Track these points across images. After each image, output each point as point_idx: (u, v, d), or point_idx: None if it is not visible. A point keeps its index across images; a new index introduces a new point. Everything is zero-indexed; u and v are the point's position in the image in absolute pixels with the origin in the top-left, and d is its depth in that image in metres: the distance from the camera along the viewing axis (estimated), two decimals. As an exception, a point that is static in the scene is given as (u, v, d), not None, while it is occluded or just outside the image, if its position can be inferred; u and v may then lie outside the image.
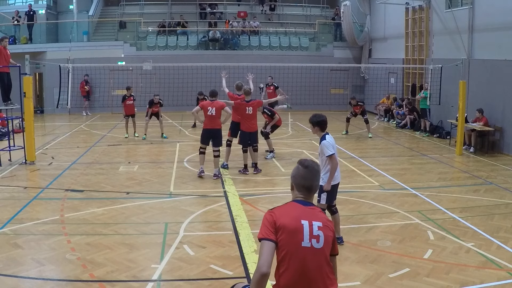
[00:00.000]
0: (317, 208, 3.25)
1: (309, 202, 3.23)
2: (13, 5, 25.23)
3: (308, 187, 3.22)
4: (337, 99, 21.71)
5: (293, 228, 3.03)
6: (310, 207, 3.19)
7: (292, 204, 3.20)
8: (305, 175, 3.21)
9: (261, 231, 3.09)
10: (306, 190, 3.22)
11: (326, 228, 3.12)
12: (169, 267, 6.29)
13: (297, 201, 3.22)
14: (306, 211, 3.14)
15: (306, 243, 3.02)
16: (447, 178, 11.40)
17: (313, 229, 3.05)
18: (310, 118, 7.08)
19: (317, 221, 3.10)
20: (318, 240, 3.05)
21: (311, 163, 3.27)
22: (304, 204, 3.19)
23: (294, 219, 3.06)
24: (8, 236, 7.25)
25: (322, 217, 3.18)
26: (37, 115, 20.36)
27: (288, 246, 3.02)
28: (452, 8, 16.29)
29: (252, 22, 25.54)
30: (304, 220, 3.07)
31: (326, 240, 3.08)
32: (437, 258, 6.58)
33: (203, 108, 10.82)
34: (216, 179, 10.76)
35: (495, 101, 14.25)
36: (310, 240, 3.03)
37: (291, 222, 3.04)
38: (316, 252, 3.04)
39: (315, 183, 3.24)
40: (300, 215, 3.10)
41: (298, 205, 3.18)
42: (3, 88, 12.32)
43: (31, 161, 12.15)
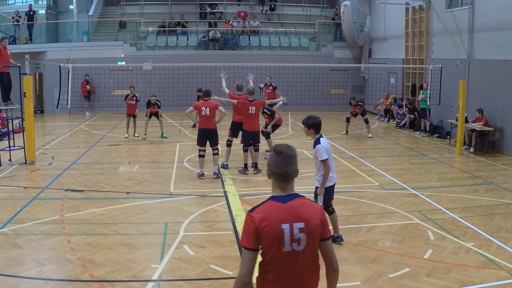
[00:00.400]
0: (298, 201, 3.07)
1: (288, 196, 3.08)
2: (13, 5, 25.23)
3: (282, 174, 3.07)
4: (337, 99, 21.73)
5: (274, 234, 2.96)
6: (289, 203, 3.04)
7: (270, 204, 3.05)
8: (278, 162, 3.08)
9: (242, 238, 3.02)
10: (281, 178, 3.08)
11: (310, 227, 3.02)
12: (169, 267, 6.29)
13: (275, 198, 3.08)
14: (286, 210, 3.01)
15: (287, 248, 2.98)
16: (447, 178, 11.40)
17: (293, 233, 2.98)
18: (304, 120, 6.81)
19: (298, 222, 3.00)
20: (299, 243, 3.00)
21: (285, 148, 3.12)
22: (283, 201, 3.05)
23: (275, 224, 2.97)
24: (8, 236, 7.26)
25: (304, 213, 3.04)
26: (37, 115, 20.36)
27: (269, 251, 2.99)
28: (452, 8, 16.29)
29: (252, 22, 25.54)
30: (285, 223, 2.98)
31: (308, 240, 3.01)
32: (437, 258, 6.58)
33: (197, 108, 10.81)
34: (216, 178, 10.76)
35: (495, 101, 14.25)
36: (291, 244, 2.98)
37: (271, 228, 2.96)
38: (297, 255, 3.01)
39: (290, 169, 3.07)
40: (280, 218, 2.98)
41: (277, 204, 3.04)
42: (3, 88, 12.33)
43: (31, 161, 12.15)
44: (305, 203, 3.09)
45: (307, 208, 3.08)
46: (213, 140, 10.92)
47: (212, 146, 10.96)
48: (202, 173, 10.95)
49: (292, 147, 3.18)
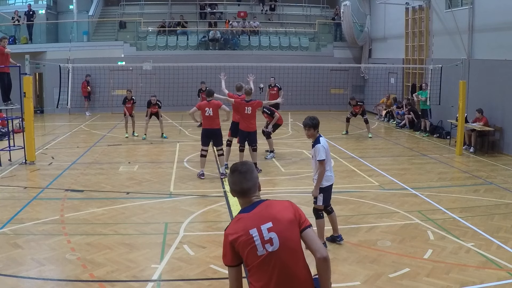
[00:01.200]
0: (262, 205, 3.11)
1: (252, 205, 3.12)
2: (13, 5, 25.23)
3: (238, 191, 3.15)
4: (337, 99, 21.73)
5: (245, 243, 3.00)
6: (254, 210, 3.09)
7: (239, 217, 3.12)
8: (233, 180, 3.16)
9: (223, 257, 3.12)
10: (241, 194, 3.16)
11: (278, 224, 3.03)
12: (169, 267, 6.29)
13: (242, 211, 3.15)
14: (252, 217, 3.06)
15: (261, 252, 3.00)
16: (447, 178, 11.40)
17: (263, 235, 3.00)
18: (305, 122, 6.71)
19: (265, 223, 3.02)
20: (271, 243, 3.00)
21: (239, 166, 3.20)
22: (249, 210, 3.10)
23: (244, 233, 3.00)
24: (8, 236, 7.26)
25: (269, 213, 3.07)
26: (37, 115, 20.37)
27: (247, 260, 3.03)
28: (452, 8, 16.29)
29: (252, 22, 25.54)
30: (252, 228, 3.01)
31: (281, 238, 3.00)
32: (437, 258, 6.58)
33: (201, 109, 10.84)
34: (223, 178, 10.76)
35: (495, 101, 14.25)
36: (263, 246, 2.99)
37: (242, 238, 3.00)
38: (274, 255, 3.00)
39: (245, 186, 3.13)
40: (246, 225, 3.03)
41: (244, 215, 3.09)
42: (3, 88, 12.33)
43: (31, 161, 12.15)
44: (269, 204, 3.12)
45: (272, 207, 3.10)
46: (217, 140, 10.93)
47: (217, 146, 10.97)
48: (202, 173, 10.95)
49: (248, 163, 3.27)
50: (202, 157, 10.96)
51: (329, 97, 22.28)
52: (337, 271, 6.16)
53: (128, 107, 15.98)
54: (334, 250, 6.87)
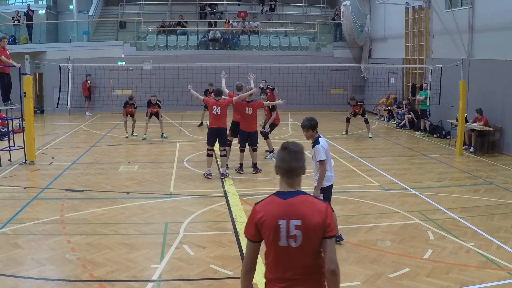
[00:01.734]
0: (299, 198, 3.11)
1: (290, 192, 3.13)
2: (13, 5, 25.23)
3: (286, 169, 3.14)
4: (337, 99, 21.74)
5: (271, 228, 3.04)
6: (289, 200, 3.09)
7: (273, 199, 3.13)
8: (283, 157, 3.15)
9: (245, 229, 3.18)
10: (286, 173, 3.15)
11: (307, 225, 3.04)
12: (169, 267, 6.29)
13: (278, 194, 3.15)
14: (285, 207, 3.07)
15: (283, 243, 3.04)
16: (447, 178, 11.40)
17: (290, 229, 3.03)
18: (304, 123, 6.64)
19: (295, 219, 3.04)
20: (295, 239, 3.03)
21: (291, 144, 3.20)
22: (284, 197, 3.11)
23: (273, 219, 3.05)
24: (8, 236, 7.26)
25: (302, 210, 3.07)
26: (37, 115, 20.36)
27: (267, 243, 3.09)
28: (452, 8, 16.29)
29: (252, 22, 25.54)
30: (282, 219, 3.04)
31: (305, 238, 3.03)
32: (437, 258, 6.58)
33: (208, 105, 10.83)
34: (223, 178, 10.77)
35: (495, 101, 14.25)
36: (287, 240, 3.04)
37: (269, 222, 3.05)
38: (293, 251, 3.04)
39: (294, 165, 3.14)
40: (278, 213, 3.05)
41: (278, 200, 3.10)
42: (3, 88, 12.32)
43: (31, 161, 12.15)
44: (306, 201, 3.11)
45: (307, 206, 3.09)
46: (222, 139, 10.93)
47: (221, 146, 10.96)
48: (210, 172, 10.92)
49: (300, 144, 3.25)
50: (208, 156, 10.95)
51: (329, 97, 22.28)
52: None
53: (128, 110, 15.99)
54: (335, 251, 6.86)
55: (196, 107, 18.17)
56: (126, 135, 16.22)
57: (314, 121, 6.68)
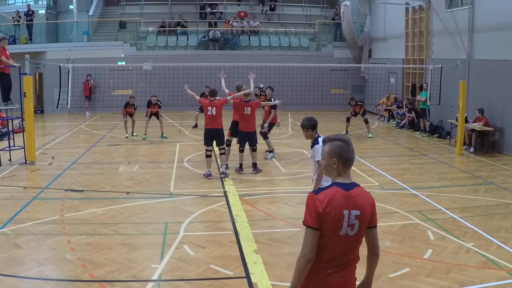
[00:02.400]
0: (357, 189, 3.35)
1: (349, 184, 3.36)
2: (13, 5, 25.23)
3: (349, 159, 3.42)
4: (337, 99, 21.72)
5: (335, 218, 3.20)
6: (351, 191, 3.32)
7: (335, 189, 3.30)
8: (346, 148, 3.41)
9: (306, 217, 3.24)
10: (347, 163, 3.42)
11: (363, 215, 3.30)
12: (169, 267, 6.29)
13: (338, 184, 3.33)
14: (347, 198, 3.27)
15: (343, 232, 3.23)
16: (447, 178, 11.40)
17: (350, 219, 3.24)
18: (303, 123, 6.59)
19: (355, 209, 3.26)
20: (352, 228, 3.26)
21: (345, 137, 3.48)
22: (346, 189, 3.31)
23: (337, 210, 3.21)
24: (8, 236, 7.26)
25: (360, 202, 3.32)
26: (37, 115, 20.36)
27: (327, 233, 3.21)
28: (452, 8, 16.29)
29: (252, 22, 25.54)
30: (346, 210, 3.23)
31: (360, 226, 3.29)
32: (437, 258, 6.58)
33: (203, 106, 10.82)
34: (224, 178, 10.78)
35: (495, 101, 14.25)
36: (346, 229, 3.24)
37: (334, 213, 3.20)
38: (349, 238, 3.26)
39: (353, 156, 3.47)
40: (342, 204, 3.23)
41: (340, 190, 3.29)
42: (3, 88, 12.32)
43: (31, 161, 12.15)
44: (361, 193, 3.38)
45: (363, 197, 3.36)
46: (219, 139, 10.91)
47: (219, 145, 10.95)
48: (210, 173, 10.92)
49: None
50: (207, 157, 10.94)
51: (329, 97, 22.26)
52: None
53: (128, 111, 16.01)
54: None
55: (196, 107, 18.16)
56: (126, 135, 16.23)
57: (314, 121, 6.65)
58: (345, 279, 3.31)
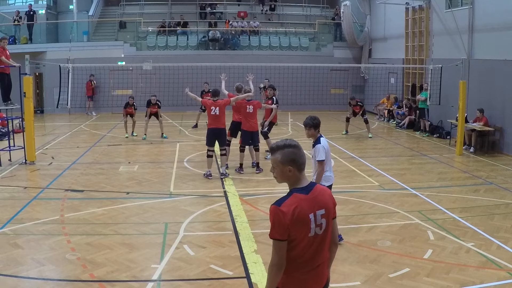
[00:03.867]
0: (315, 189, 3.33)
1: (307, 186, 3.30)
2: (13, 5, 25.22)
3: (301, 163, 3.31)
4: (337, 99, 21.72)
5: (303, 224, 3.22)
6: (311, 193, 3.29)
7: (296, 197, 3.25)
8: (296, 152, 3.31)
9: (273, 232, 3.23)
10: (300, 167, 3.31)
11: (327, 211, 3.33)
12: (169, 267, 6.29)
13: (297, 190, 3.28)
14: (310, 201, 3.27)
15: (312, 233, 3.26)
16: (447, 178, 11.40)
17: (317, 220, 3.27)
18: (306, 121, 6.61)
19: (320, 209, 3.29)
20: (321, 227, 3.30)
21: (292, 141, 3.36)
22: (306, 192, 3.28)
23: (303, 216, 3.21)
24: (8, 236, 7.26)
25: (323, 200, 3.33)
26: (37, 115, 20.35)
27: (297, 237, 3.24)
28: (452, 8, 16.29)
29: (252, 22, 25.54)
30: (311, 213, 3.24)
31: (327, 223, 3.33)
32: (437, 258, 6.58)
33: (206, 106, 10.85)
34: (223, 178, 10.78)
35: (495, 101, 14.25)
36: (314, 230, 3.27)
37: (300, 220, 3.21)
38: (318, 237, 3.31)
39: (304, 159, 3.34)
40: (306, 209, 3.23)
41: (301, 196, 3.26)
42: (3, 88, 12.32)
43: (31, 161, 12.15)
44: (321, 190, 3.38)
45: (323, 194, 3.36)
46: (222, 140, 10.93)
47: (221, 145, 10.96)
48: (210, 173, 10.91)
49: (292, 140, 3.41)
50: (209, 157, 10.94)
51: (329, 97, 22.26)
52: (337, 271, 6.16)
53: (128, 111, 16.01)
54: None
55: (196, 107, 18.17)
56: (126, 135, 16.22)
57: (317, 120, 6.65)
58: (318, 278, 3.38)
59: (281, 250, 3.22)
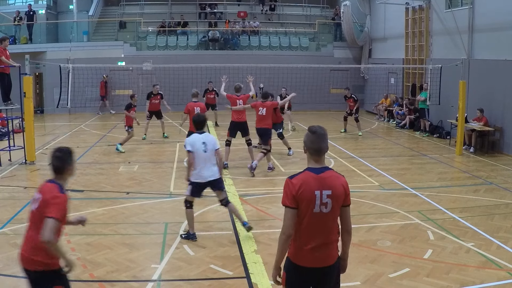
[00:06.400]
0: (328, 172, 3.77)
1: (321, 168, 3.77)
2: (13, 5, 25.23)
3: (316, 149, 3.78)
4: (337, 99, 21.71)
5: (308, 199, 3.66)
6: (321, 175, 3.74)
7: (306, 174, 3.74)
8: (313, 139, 3.79)
9: (284, 199, 3.73)
10: (316, 152, 3.79)
11: (335, 194, 3.72)
12: (169, 267, 6.29)
13: (310, 170, 3.77)
14: (318, 180, 3.71)
15: (317, 210, 3.69)
16: (447, 178, 11.40)
17: (322, 198, 3.68)
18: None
19: (326, 190, 3.70)
20: (326, 206, 3.70)
21: (318, 128, 3.84)
22: (317, 173, 3.75)
23: (309, 191, 3.67)
24: (8, 236, 7.26)
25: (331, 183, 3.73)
26: (37, 115, 20.35)
27: (303, 212, 3.68)
28: (452, 8, 16.29)
29: (252, 22, 25.54)
30: (317, 190, 3.67)
31: (333, 204, 3.72)
32: (437, 258, 6.58)
33: (255, 107, 11.50)
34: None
35: (495, 101, 14.25)
36: (320, 206, 3.68)
37: (307, 194, 3.66)
38: (324, 215, 3.71)
39: (322, 145, 3.80)
40: (314, 186, 3.68)
41: (311, 174, 3.73)
42: (3, 88, 12.31)
43: (31, 161, 12.15)
44: (333, 175, 3.80)
45: (334, 179, 3.77)
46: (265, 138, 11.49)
47: (264, 144, 11.57)
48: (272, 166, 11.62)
49: (324, 128, 3.89)
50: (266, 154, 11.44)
51: (329, 97, 22.26)
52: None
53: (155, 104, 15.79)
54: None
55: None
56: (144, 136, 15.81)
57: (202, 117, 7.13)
58: (325, 254, 3.76)
59: (291, 219, 3.67)
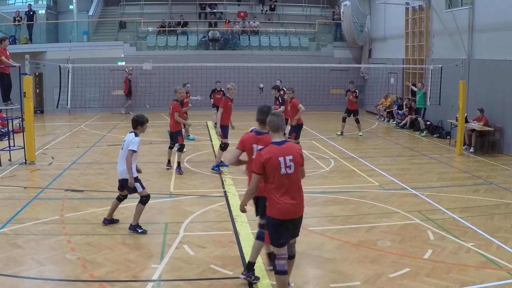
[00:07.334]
0: (287, 144, 5.09)
1: (282, 141, 5.08)
2: (13, 5, 25.22)
3: (277, 127, 5.12)
4: (337, 99, 21.72)
5: (274, 164, 4.96)
6: (283, 145, 5.05)
7: (272, 147, 5.05)
8: (274, 119, 5.14)
9: (254, 167, 5.07)
10: (276, 130, 5.12)
11: (295, 158, 5.03)
12: (169, 267, 6.29)
13: (274, 143, 5.07)
14: (281, 149, 5.01)
15: (283, 171, 4.98)
16: (447, 178, 11.40)
17: (286, 162, 4.98)
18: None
19: (288, 156, 5.00)
20: (290, 168, 5.00)
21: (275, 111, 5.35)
22: (279, 144, 5.05)
23: (275, 158, 4.96)
24: (8, 236, 7.26)
25: (292, 150, 5.06)
26: (37, 115, 20.34)
27: (272, 174, 4.98)
28: (452, 8, 16.29)
29: (252, 22, 25.53)
30: (281, 157, 4.97)
31: (295, 167, 5.03)
32: (437, 258, 6.58)
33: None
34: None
35: (495, 101, 14.25)
36: (285, 169, 4.98)
37: (272, 161, 4.95)
38: (289, 175, 5.01)
39: (281, 124, 5.15)
40: (277, 154, 4.98)
41: (275, 146, 5.04)
42: (3, 88, 12.31)
43: (31, 161, 12.15)
44: (291, 145, 5.16)
45: (292, 148, 5.12)
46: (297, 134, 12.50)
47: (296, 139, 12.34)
48: None
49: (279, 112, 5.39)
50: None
51: (329, 97, 22.26)
52: (337, 271, 6.17)
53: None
54: (334, 250, 6.87)
55: (195, 107, 18.16)
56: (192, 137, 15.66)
57: None
58: (294, 206, 5.03)
59: (257, 181, 5.06)
